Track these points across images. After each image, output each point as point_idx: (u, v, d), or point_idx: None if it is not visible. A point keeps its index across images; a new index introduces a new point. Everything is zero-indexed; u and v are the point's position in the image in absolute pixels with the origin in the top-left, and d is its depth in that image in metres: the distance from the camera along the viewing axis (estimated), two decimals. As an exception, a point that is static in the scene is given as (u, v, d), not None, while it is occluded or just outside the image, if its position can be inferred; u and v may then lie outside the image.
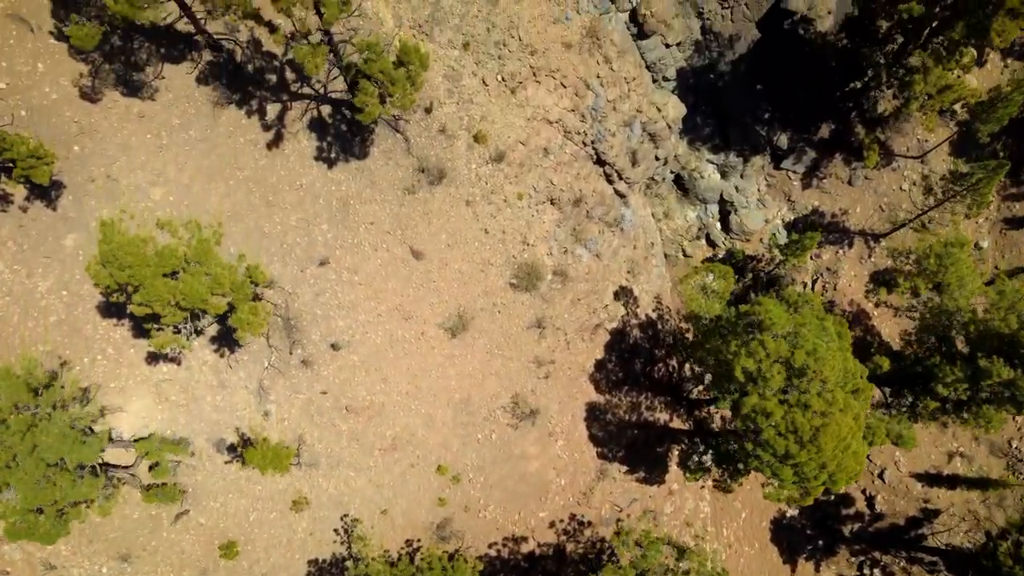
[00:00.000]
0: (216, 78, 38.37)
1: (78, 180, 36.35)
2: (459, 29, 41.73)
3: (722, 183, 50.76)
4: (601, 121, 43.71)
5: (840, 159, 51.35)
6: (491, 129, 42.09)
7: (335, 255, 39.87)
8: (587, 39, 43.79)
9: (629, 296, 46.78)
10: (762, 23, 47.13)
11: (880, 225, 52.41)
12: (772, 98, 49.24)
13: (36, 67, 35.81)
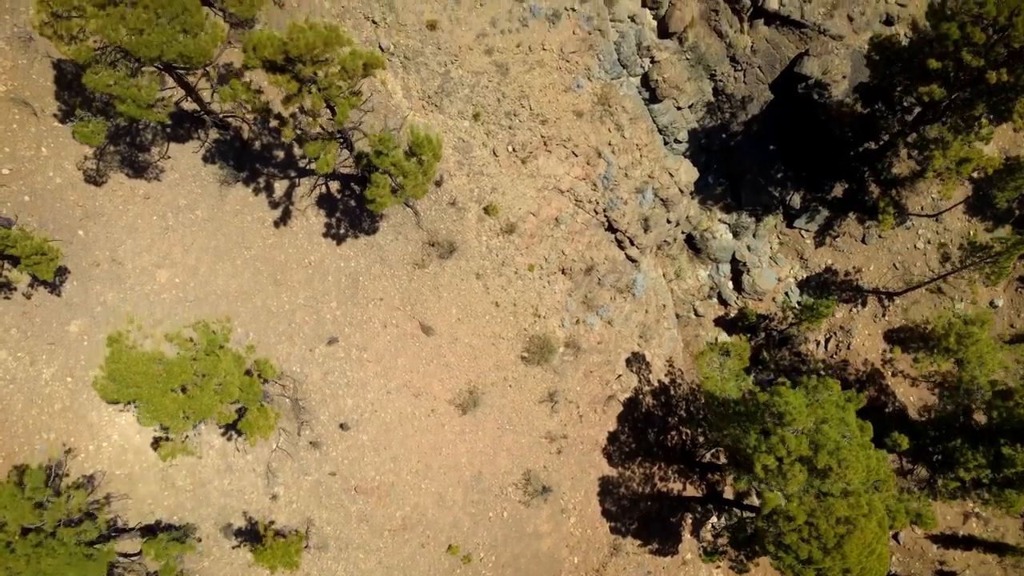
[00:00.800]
0: (223, 156, 37.75)
1: (83, 265, 35.67)
2: (469, 100, 41.13)
3: (734, 243, 50.09)
4: (613, 189, 43.05)
5: (853, 218, 50.68)
6: (502, 201, 41.45)
7: (344, 333, 39.18)
8: (598, 106, 43.17)
9: (641, 362, 46.09)
10: (775, 85, 46.51)
11: (894, 283, 51.69)
12: (785, 158, 48.59)
13: (39, 151, 35.19)
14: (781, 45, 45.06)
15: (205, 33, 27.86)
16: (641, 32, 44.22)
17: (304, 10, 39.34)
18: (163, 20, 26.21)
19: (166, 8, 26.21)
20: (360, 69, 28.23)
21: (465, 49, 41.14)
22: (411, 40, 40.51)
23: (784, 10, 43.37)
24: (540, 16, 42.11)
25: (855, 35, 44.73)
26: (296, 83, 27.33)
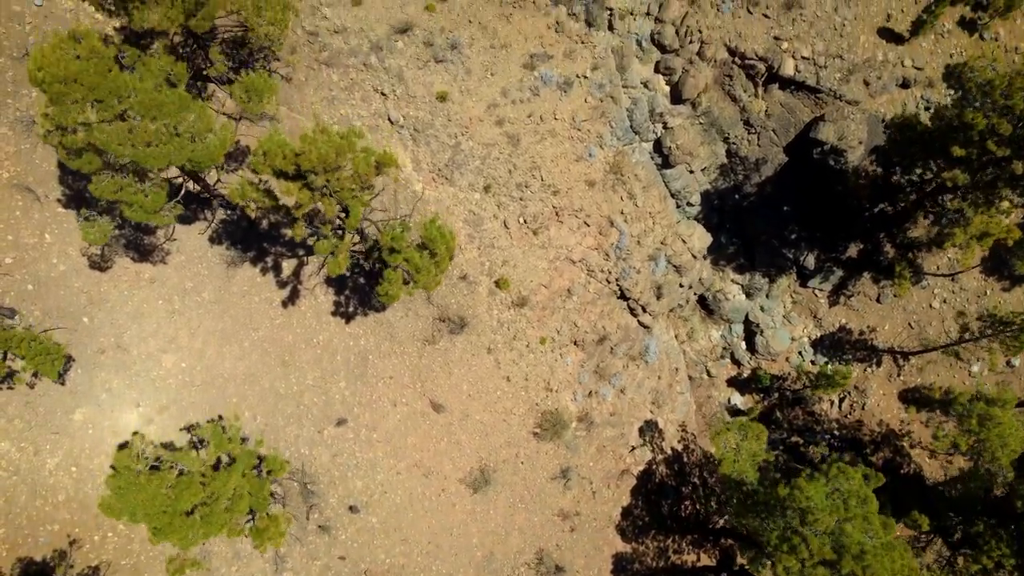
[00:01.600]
0: (229, 237, 37.04)
1: (87, 353, 34.93)
2: (480, 172, 40.40)
3: (747, 303, 49.32)
4: (625, 259, 42.30)
5: (868, 277, 49.87)
6: (513, 274, 40.69)
7: (353, 413, 38.43)
8: (611, 175, 42.43)
9: (654, 430, 45.32)
10: (790, 147, 45.76)
11: (909, 342, 50.90)
12: (799, 219, 47.83)
13: (43, 238, 34.47)
14: (796, 109, 44.34)
15: (215, 135, 27.16)
16: (654, 98, 43.50)
17: (312, 84, 38.64)
18: (171, 130, 25.49)
19: (174, 117, 25.50)
20: (373, 172, 27.50)
21: (476, 120, 40.43)
22: (421, 112, 39.81)
23: (799, 76, 42.62)
24: (552, 85, 41.40)
25: (871, 99, 43.99)
26: (308, 192, 26.60)
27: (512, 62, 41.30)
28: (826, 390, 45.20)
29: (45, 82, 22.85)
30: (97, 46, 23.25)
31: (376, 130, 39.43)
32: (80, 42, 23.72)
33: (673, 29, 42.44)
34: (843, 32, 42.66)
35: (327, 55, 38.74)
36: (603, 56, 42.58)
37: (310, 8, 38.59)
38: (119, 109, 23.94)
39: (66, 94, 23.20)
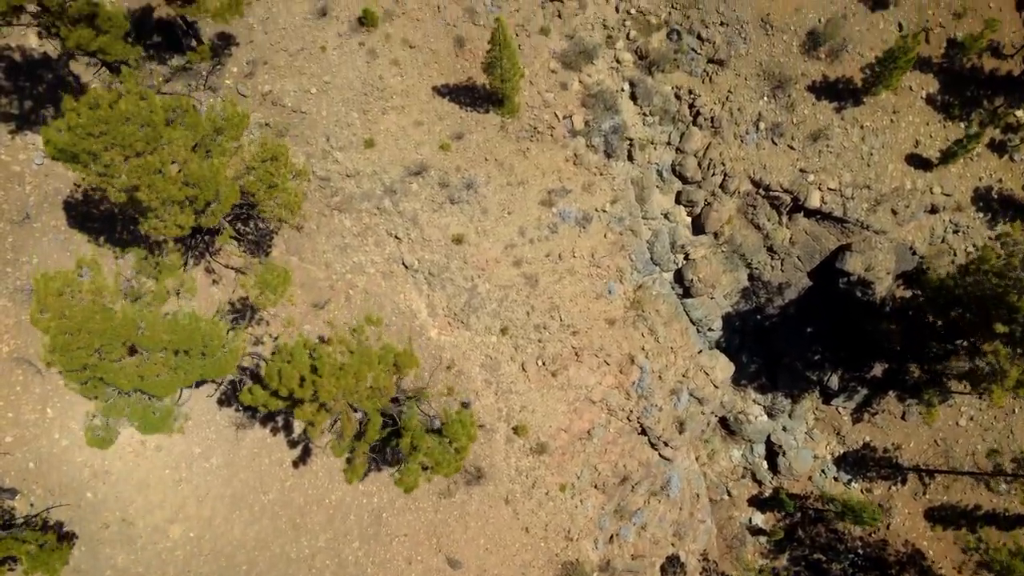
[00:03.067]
0: (239, 399, 35.52)
1: (91, 528, 33.41)
2: (497, 314, 39.03)
3: (769, 423, 47.95)
4: (647, 397, 40.91)
5: (893, 396, 48.50)
6: (531, 419, 39.28)
7: (367, 574, 36.93)
8: (631, 311, 41.05)
9: (676, 566, 43.87)
10: (814, 272, 44.43)
11: (935, 459, 49.49)
12: (823, 339, 46.48)
13: (44, 413, 32.98)
14: (821, 237, 43.02)
15: (227, 350, 25.77)
16: (675, 230, 42.18)
17: (324, 231, 37.26)
18: (182, 354, 24.10)
19: (184, 343, 24.12)
20: (393, 386, 26.11)
21: (492, 262, 39.08)
22: (436, 255, 38.45)
23: (826, 208, 41.31)
24: (570, 221, 40.07)
25: (899, 227, 42.66)
26: (325, 413, 25.21)
27: (529, 199, 39.97)
28: (855, 523, 43.78)
29: (49, 331, 21.43)
30: (101, 283, 21.85)
31: (390, 276, 38.05)
32: (85, 275, 22.34)
33: (695, 161, 41.13)
34: (871, 162, 41.35)
35: (339, 200, 37.39)
36: (622, 188, 41.28)
37: (321, 152, 37.26)
38: (125, 351, 22.52)
39: (71, 343, 21.80)
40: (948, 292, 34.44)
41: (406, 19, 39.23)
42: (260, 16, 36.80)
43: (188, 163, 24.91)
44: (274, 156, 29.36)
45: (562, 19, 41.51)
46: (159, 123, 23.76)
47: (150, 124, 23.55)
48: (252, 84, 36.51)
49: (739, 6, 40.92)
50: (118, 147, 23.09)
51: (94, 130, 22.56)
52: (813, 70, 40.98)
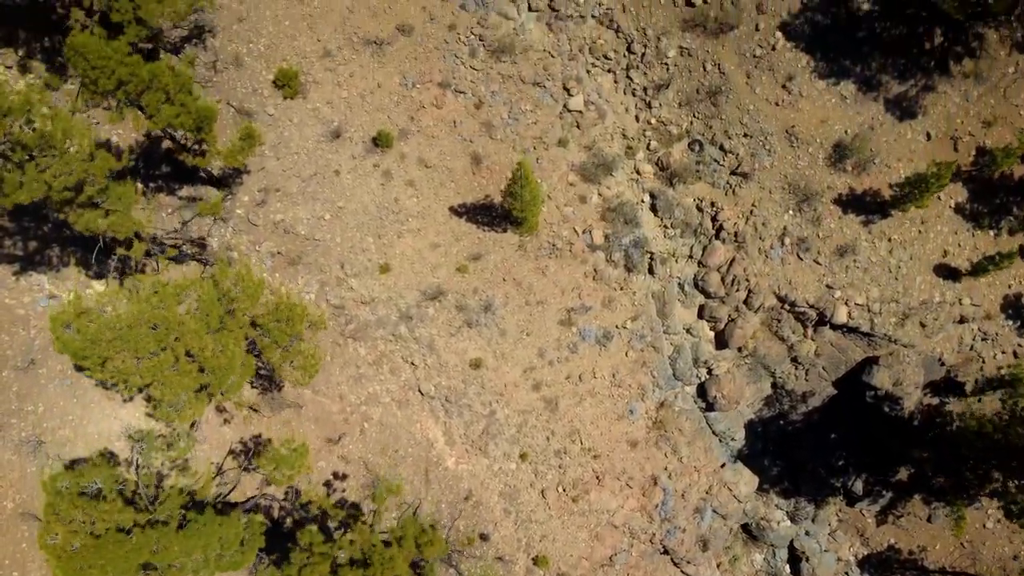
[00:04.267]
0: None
1: None
2: (516, 440, 37.87)
3: (792, 528, 46.68)
4: (671, 519, 39.67)
5: (919, 498, 47.22)
6: (552, 548, 38.04)
7: None
8: (654, 432, 39.87)
9: None
10: (840, 381, 43.24)
11: (961, 561, 48.17)
12: (848, 445, 45.24)
13: (49, 572, 31.71)
14: (847, 349, 41.85)
15: (246, 547, 24.60)
16: (698, 345, 41.05)
17: (338, 362, 36.08)
18: (197, 561, 22.89)
19: (200, 550, 22.91)
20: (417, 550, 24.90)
21: (511, 386, 37.92)
22: (453, 381, 37.30)
23: (853, 323, 40.15)
24: (590, 339, 38.92)
25: (927, 339, 41.47)
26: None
27: (549, 319, 38.82)
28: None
29: (59, 566, 20.25)
30: (115, 515, 20.68)
31: (406, 405, 36.86)
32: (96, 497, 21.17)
33: (718, 276, 40.00)
34: (899, 275, 40.21)
35: (353, 328, 36.24)
36: (643, 303, 40.14)
37: (335, 280, 36.15)
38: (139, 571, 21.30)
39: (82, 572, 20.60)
40: (988, 438, 33.28)
41: (421, 136, 38.17)
42: (272, 141, 35.73)
43: (203, 350, 23.77)
44: (288, 317, 28.25)
45: (580, 129, 40.45)
46: (172, 320, 22.61)
47: (162, 322, 22.41)
48: (264, 213, 35.41)
49: (763, 118, 39.84)
50: (130, 351, 21.94)
51: (103, 336, 21.42)
52: (840, 183, 39.87)
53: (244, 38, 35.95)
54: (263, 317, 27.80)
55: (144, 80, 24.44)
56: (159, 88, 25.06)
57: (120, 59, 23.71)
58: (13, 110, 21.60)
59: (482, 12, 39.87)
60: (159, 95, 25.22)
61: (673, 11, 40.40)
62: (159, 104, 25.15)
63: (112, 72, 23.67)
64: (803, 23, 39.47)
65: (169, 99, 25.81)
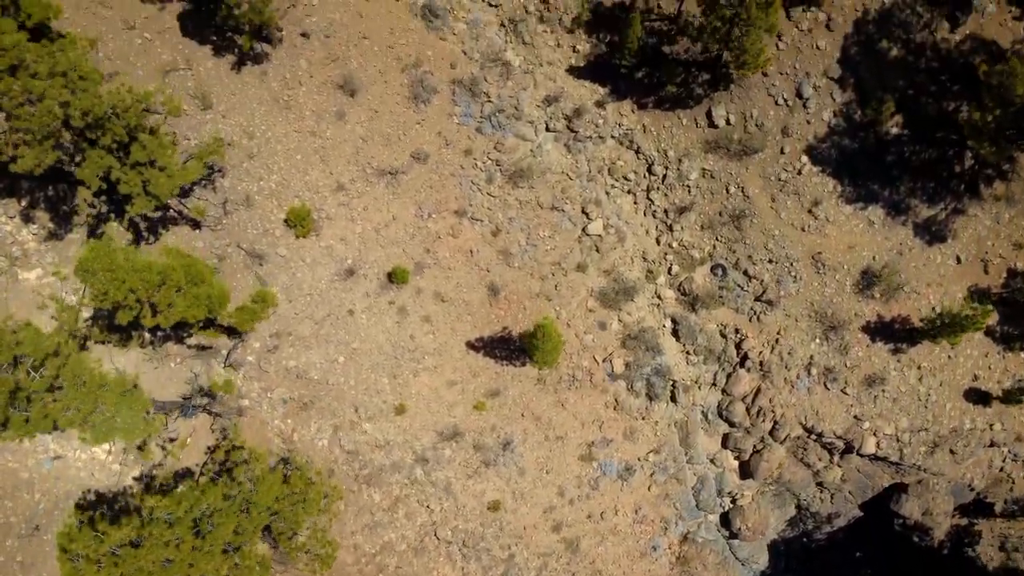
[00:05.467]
0: None
1: None
2: (536, 584, 36.56)
3: (816, 646, 45.34)
4: (694, 657, 38.42)
5: (947, 613, 45.93)
6: None
7: None
8: (677, 567, 38.63)
9: None
10: (867, 504, 42.02)
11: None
12: (873, 564, 43.98)
13: None
14: (874, 475, 40.65)
15: None
16: (722, 476, 39.88)
17: (352, 509, 34.85)
18: None
19: None
20: None
21: (531, 528, 36.72)
22: (471, 524, 36.10)
23: (881, 452, 38.94)
24: (612, 474, 37.75)
25: (956, 466, 40.24)
26: None
27: (569, 454, 37.65)
28: None
29: None
30: None
31: (422, 552, 35.63)
32: None
33: (743, 406, 38.83)
34: (928, 403, 38.99)
35: (368, 473, 35.05)
36: (666, 433, 38.98)
37: (349, 424, 34.97)
38: None
39: None
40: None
41: (437, 269, 37.02)
42: (283, 283, 34.58)
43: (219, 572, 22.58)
44: (304, 498, 27.09)
45: (600, 253, 39.32)
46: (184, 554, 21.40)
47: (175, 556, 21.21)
48: (276, 359, 34.23)
49: (788, 243, 38.70)
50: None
51: None
52: (868, 310, 38.69)
53: (255, 176, 34.83)
54: (278, 502, 26.63)
55: (154, 283, 23.30)
56: (171, 285, 23.91)
57: (130, 267, 22.57)
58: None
59: (499, 135, 38.82)
60: (169, 291, 24.08)
61: (695, 132, 39.32)
62: (170, 301, 23.98)
63: (123, 282, 22.54)
64: (830, 147, 38.37)
65: (180, 291, 24.65)
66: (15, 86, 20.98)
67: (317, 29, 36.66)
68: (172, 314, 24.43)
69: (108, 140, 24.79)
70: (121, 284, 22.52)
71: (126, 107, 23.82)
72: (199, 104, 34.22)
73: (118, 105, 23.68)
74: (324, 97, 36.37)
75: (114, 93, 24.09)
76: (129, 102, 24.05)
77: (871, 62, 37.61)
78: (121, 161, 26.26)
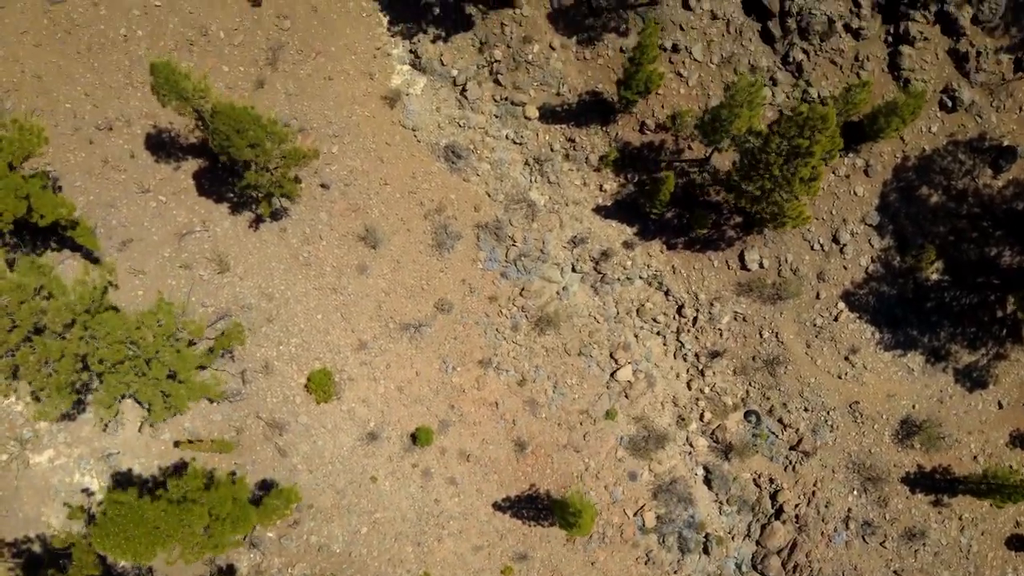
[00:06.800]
0: None
1: None
2: None
3: None
4: None
5: None
6: None
7: None
8: None
9: None
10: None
11: None
12: None
13: None
14: (914, 624, 39.14)
15: None
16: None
17: None
18: None
19: None
20: None
21: None
22: None
23: (922, 607, 37.46)
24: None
25: (999, 614, 38.83)
26: None
27: (599, 616, 36.20)
28: None
29: None
30: None
31: None
32: None
33: (779, 560, 37.42)
34: (969, 554, 37.60)
35: (392, 646, 33.60)
36: (698, 588, 37.54)
37: (372, 597, 33.53)
38: None
39: None
40: None
41: (462, 425, 35.69)
42: (304, 452, 33.25)
43: None
44: None
45: (629, 399, 37.97)
46: None
47: None
48: (297, 534, 32.87)
49: (824, 391, 37.36)
50: None
51: None
52: (908, 461, 37.34)
53: (274, 340, 33.54)
54: None
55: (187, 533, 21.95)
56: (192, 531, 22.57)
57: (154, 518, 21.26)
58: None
59: (524, 279, 37.55)
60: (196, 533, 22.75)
61: (727, 274, 38.02)
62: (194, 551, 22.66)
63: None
64: (867, 293, 37.07)
65: (208, 530, 23.34)
66: (31, 357, 19.73)
67: (337, 179, 35.49)
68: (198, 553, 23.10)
69: (127, 370, 23.50)
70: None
71: (148, 345, 22.51)
72: (216, 268, 32.95)
73: (141, 343, 22.39)
74: (345, 251, 35.13)
75: (138, 330, 22.77)
76: (151, 340, 22.74)
77: (911, 208, 36.36)
78: (138, 373, 24.97)
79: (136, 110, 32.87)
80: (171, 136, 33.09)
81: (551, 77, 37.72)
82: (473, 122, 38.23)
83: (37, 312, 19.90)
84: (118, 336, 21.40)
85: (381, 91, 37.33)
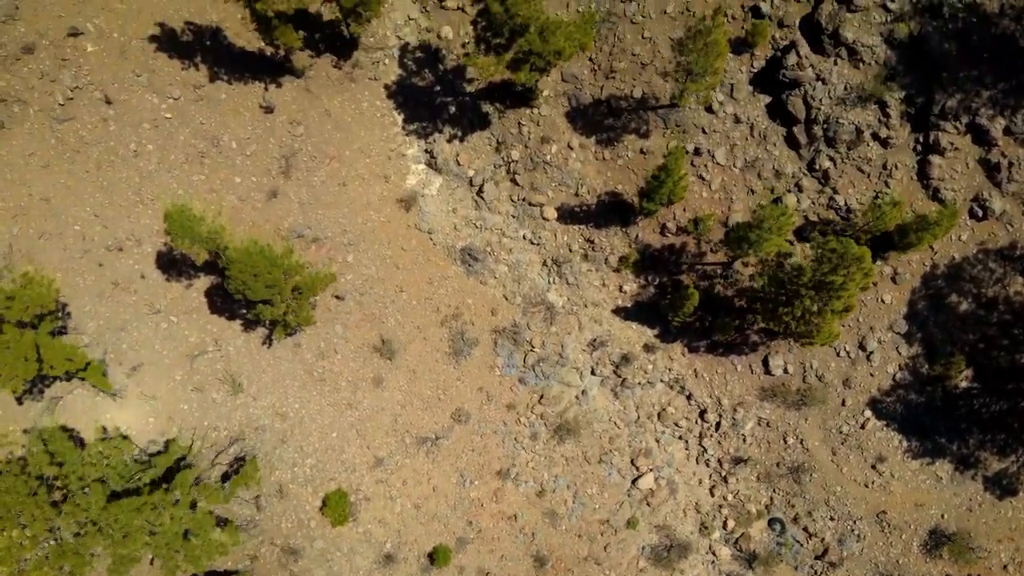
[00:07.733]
0: None
1: None
2: None
3: None
4: None
5: None
6: None
7: None
8: None
9: None
10: None
11: None
12: None
13: None
14: None
15: None
16: None
17: None
18: None
19: None
20: None
21: None
22: None
23: None
24: None
25: None
26: None
27: None
28: None
29: None
30: None
31: None
32: None
33: (805, 674, 36.42)
34: (1000, 666, 36.63)
35: None
36: None
37: None
38: None
39: None
40: None
41: (480, 542, 34.75)
42: (320, 578, 32.33)
43: None
44: None
45: (651, 507, 37.05)
46: None
47: None
48: (312, 664, 31.94)
49: (851, 500, 36.46)
50: None
51: None
52: (936, 571, 36.41)
53: (288, 462, 32.62)
54: None
55: None
56: None
57: None
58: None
59: (543, 384, 36.67)
60: None
61: (750, 378, 37.14)
62: None
63: None
64: (895, 401, 36.18)
65: None
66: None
67: (352, 289, 34.62)
68: None
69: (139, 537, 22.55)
70: None
71: (166, 528, 21.63)
72: (229, 390, 32.05)
73: (160, 527, 21.49)
74: (360, 363, 34.24)
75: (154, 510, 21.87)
76: (169, 522, 21.85)
77: (940, 316, 35.47)
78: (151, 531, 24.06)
79: (146, 228, 32.01)
80: (182, 254, 32.19)
81: (570, 178, 36.91)
82: (490, 223, 37.41)
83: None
84: (134, 527, 20.53)
85: (396, 194, 36.48)
